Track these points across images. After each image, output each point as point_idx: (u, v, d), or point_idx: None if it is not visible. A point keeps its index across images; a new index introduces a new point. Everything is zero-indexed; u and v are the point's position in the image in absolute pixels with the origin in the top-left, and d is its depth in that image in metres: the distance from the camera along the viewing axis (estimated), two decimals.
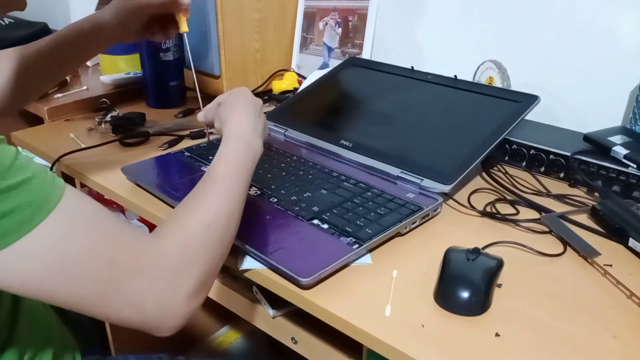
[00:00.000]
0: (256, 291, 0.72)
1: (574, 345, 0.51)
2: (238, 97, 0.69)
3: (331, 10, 1.23)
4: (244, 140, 0.63)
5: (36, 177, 0.43)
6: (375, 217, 0.67)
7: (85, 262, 0.44)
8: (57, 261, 0.43)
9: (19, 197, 0.41)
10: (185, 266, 0.49)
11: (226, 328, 1.41)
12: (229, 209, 0.56)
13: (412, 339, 0.51)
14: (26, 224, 0.41)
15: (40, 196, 0.43)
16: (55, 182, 0.45)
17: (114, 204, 0.97)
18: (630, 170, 0.75)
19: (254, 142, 0.64)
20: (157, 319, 0.48)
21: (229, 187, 0.57)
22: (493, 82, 0.95)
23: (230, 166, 0.59)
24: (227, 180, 0.58)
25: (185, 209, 0.55)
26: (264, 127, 0.69)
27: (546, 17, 0.96)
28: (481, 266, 0.58)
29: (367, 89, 0.99)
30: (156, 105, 1.15)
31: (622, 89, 0.90)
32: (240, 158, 0.61)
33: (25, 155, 0.45)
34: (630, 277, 0.60)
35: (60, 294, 0.44)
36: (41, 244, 0.42)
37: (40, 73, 0.81)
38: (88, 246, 0.44)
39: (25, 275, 0.42)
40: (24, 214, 0.41)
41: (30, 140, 0.97)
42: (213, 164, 0.60)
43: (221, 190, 0.57)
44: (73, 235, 0.44)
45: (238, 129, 0.64)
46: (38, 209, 0.42)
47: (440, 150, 0.80)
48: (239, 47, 1.14)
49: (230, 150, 0.61)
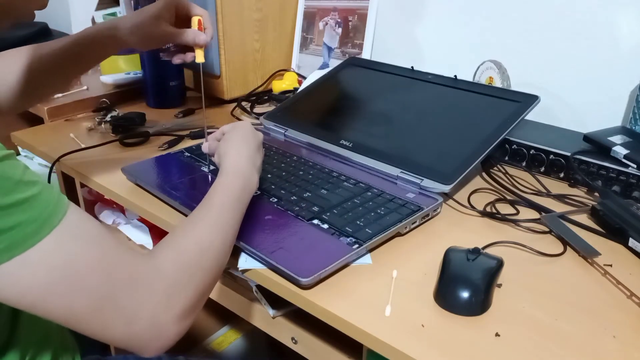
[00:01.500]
0: (256, 291, 0.72)
1: (574, 345, 0.51)
2: (239, 131, 0.71)
3: (331, 10, 1.23)
4: (242, 175, 0.64)
5: (42, 193, 0.44)
6: (375, 217, 0.67)
7: (84, 277, 0.45)
8: (56, 276, 0.43)
9: (25, 213, 0.42)
10: (179, 286, 0.50)
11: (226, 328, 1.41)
12: (223, 238, 0.57)
13: (412, 339, 0.51)
14: (30, 238, 0.42)
15: (45, 212, 0.44)
16: (60, 198, 0.46)
17: (114, 204, 0.97)
18: (630, 170, 0.75)
19: (250, 178, 0.65)
20: (146, 338, 0.48)
21: (224, 217, 0.59)
22: (493, 82, 0.95)
23: (227, 198, 0.60)
24: (223, 211, 0.59)
25: (181, 233, 0.55)
26: (262, 161, 0.71)
27: (546, 17, 0.96)
28: (481, 266, 0.58)
29: (367, 89, 0.99)
30: (156, 105, 1.15)
31: (622, 89, 0.90)
32: (237, 193, 0.62)
33: (33, 170, 0.46)
34: (630, 277, 0.60)
35: (55, 308, 0.44)
36: (43, 258, 0.43)
37: (52, 73, 0.81)
38: (88, 262, 0.45)
39: (24, 288, 0.43)
40: (29, 229, 0.42)
41: (30, 140, 0.97)
42: (210, 194, 0.61)
43: (217, 219, 0.58)
44: (74, 251, 0.45)
45: (237, 164, 0.65)
46: (43, 224, 0.43)
47: (440, 150, 0.80)
48: (239, 47, 1.14)
49: (228, 183, 0.62)
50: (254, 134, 0.72)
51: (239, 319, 0.78)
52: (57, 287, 0.44)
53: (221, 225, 0.57)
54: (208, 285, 0.54)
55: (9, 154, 0.44)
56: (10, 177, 0.42)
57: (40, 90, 0.83)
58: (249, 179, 0.65)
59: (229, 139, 0.70)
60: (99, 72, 1.28)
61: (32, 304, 0.44)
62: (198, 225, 0.56)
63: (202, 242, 0.55)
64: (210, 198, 0.60)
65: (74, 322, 0.45)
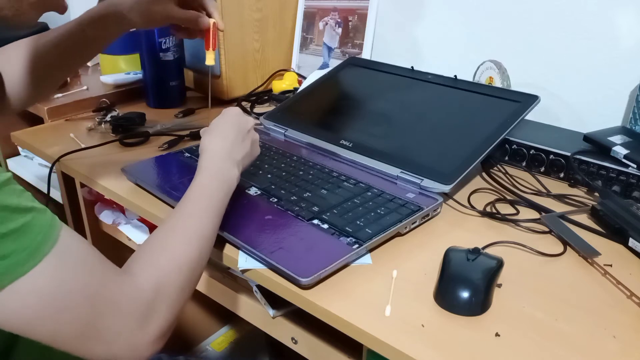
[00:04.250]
0: (256, 291, 0.72)
1: (574, 346, 0.50)
2: (220, 122, 0.68)
3: (331, 10, 1.23)
4: (216, 172, 0.63)
5: (35, 219, 0.44)
6: (375, 217, 0.67)
7: (70, 305, 0.45)
8: (44, 303, 0.43)
9: (17, 241, 0.42)
10: (157, 307, 0.50)
11: (226, 328, 1.41)
12: (200, 247, 0.56)
13: (412, 339, 0.51)
14: (21, 266, 0.42)
15: (37, 239, 0.43)
16: (52, 223, 0.45)
17: (114, 204, 0.97)
18: (630, 170, 0.75)
19: (226, 174, 0.63)
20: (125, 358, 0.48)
21: (200, 224, 0.58)
22: (493, 82, 0.95)
23: (201, 203, 0.59)
24: (196, 218, 0.58)
25: (156, 247, 0.55)
26: (247, 151, 0.68)
27: (546, 17, 0.96)
28: (481, 266, 0.58)
29: (367, 89, 0.99)
30: (156, 105, 1.15)
31: (622, 89, 0.90)
32: (212, 192, 0.60)
33: (28, 193, 0.45)
34: (630, 277, 0.60)
35: (40, 332, 0.44)
36: (32, 285, 0.43)
37: (55, 61, 0.78)
38: (76, 288, 0.45)
39: (12, 313, 0.43)
40: (20, 257, 0.42)
41: (30, 140, 0.97)
42: (183, 200, 0.60)
43: (191, 228, 0.57)
44: (63, 278, 0.45)
45: (211, 160, 0.64)
46: (34, 252, 0.43)
47: (440, 150, 0.80)
48: (239, 47, 1.14)
49: (201, 186, 0.61)
50: (239, 122, 0.68)
51: (239, 319, 0.78)
52: (44, 313, 0.44)
53: (196, 236, 0.57)
54: (184, 301, 0.54)
55: (7, 179, 0.43)
56: (7, 205, 0.42)
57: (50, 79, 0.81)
58: (226, 175, 0.63)
59: (209, 132, 0.67)
60: (99, 72, 1.28)
61: (18, 327, 0.44)
62: (171, 239, 0.55)
63: (178, 257, 0.54)
64: (185, 204, 0.59)
65: (59, 344, 0.46)
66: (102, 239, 1.02)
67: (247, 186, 0.75)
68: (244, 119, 0.70)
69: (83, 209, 1.01)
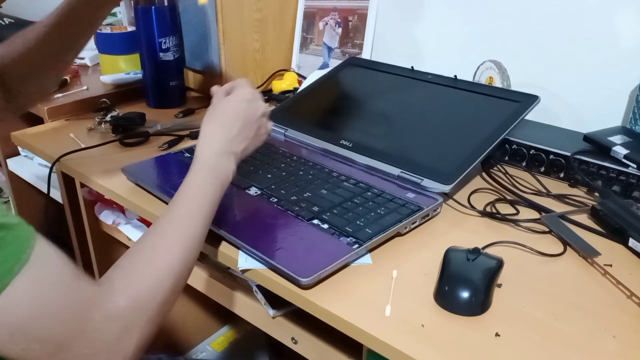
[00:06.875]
0: (256, 291, 0.72)
1: (574, 345, 0.51)
2: (227, 107, 0.63)
3: (331, 10, 1.23)
4: (209, 167, 0.59)
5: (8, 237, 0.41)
6: (375, 217, 0.67)
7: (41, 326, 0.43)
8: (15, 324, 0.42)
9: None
10: (136, 323, 0.48)
11: (226, 328, 1.41)
12: (189, 250, 0.54)
13: (412, 339, 0.51)
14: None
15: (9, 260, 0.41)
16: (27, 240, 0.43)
17: (114, 204, 0.97)
18: (630, 170, 0.75)
19: (220, 168, 0.60)
20: None
21: (190, 226, 0.55)
22: (493, 82, 0.95)
23: (194, 202, 0.57)
24: (187, 220, 0.56)
25: (140, 259, 0.52)
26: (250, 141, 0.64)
27: (546, 17, 0.96)
28: (481, 266, 0.58)
29: (367, 89, 0.99)
30: (156, 105, 1.15)
31: (622, 89, 0.90)
32: (206, 190, 0.58)
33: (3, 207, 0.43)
34: (630, 277, 0.60)
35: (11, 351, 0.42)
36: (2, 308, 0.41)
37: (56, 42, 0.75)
38: (47, 311, 0.43)
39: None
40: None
41: (30, 140, 0.98)
42: (175, 199, 0.57)
43: (181, 231, 0.55)
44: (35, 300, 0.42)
45: (204, 152, 0.60)
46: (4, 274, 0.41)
47: (440, 150, 0.80)
48: (239, 47, 1.14)
49: (194, 184, 0.58)
50: (249, 110, 0.63)
51: (239, 319, 0.78)
52: (15, 333, 0.42)
53: (187, 239, 0.54)
54: (166, 312, 0.52)
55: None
56: None
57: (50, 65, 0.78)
58: (221, 171, 0.60)
59: (212, 117, 0.63)
60: (99, 72, 1.28)
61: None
62: (161, 247, 0.53)
63: (161, 270, 0.51)
64: (176, 204, 0.57)
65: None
66: (102, 239, 1.02)
67: (247, 186, 0.75)
68: (254, 105, 0.65)
69: (83, 209, 1.00)
